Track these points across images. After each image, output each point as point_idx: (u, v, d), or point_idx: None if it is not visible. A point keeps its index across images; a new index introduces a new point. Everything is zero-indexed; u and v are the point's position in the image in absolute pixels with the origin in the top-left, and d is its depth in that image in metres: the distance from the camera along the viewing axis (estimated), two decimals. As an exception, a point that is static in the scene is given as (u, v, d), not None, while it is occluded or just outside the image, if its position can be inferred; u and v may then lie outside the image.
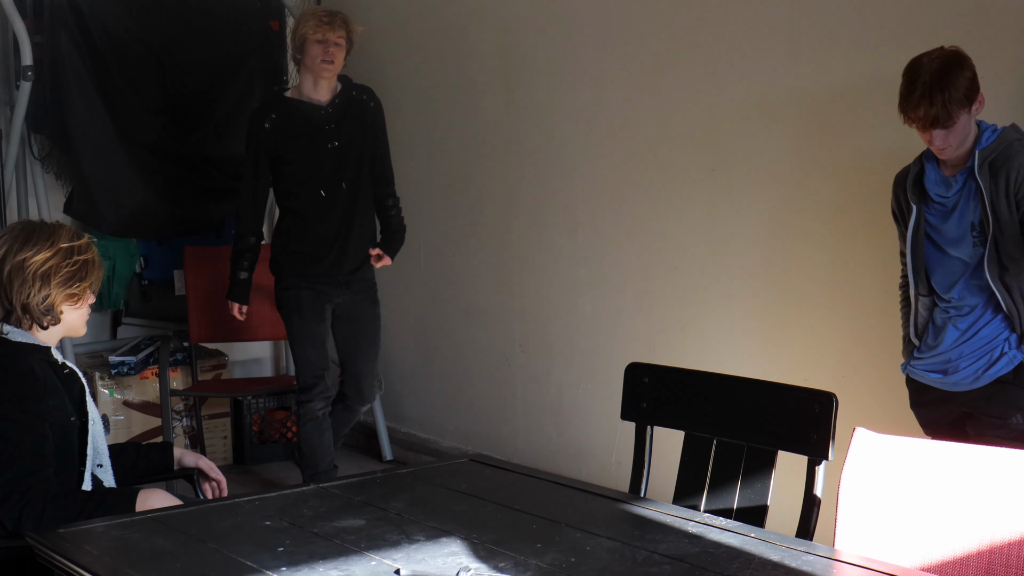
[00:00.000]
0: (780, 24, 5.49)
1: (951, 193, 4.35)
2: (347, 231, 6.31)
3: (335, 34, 6.16)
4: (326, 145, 6.22)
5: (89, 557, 3.02)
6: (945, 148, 4.27)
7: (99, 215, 7.01)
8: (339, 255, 6.31)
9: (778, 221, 5.59)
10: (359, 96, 6.37)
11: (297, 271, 6.32)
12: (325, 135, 6.22)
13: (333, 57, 6.17)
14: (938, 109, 4.19)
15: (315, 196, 6.24)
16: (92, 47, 6.84)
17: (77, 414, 3.85)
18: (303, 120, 6.21)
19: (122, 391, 7.34)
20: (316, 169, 6.23)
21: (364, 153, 6.35)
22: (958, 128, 4.22)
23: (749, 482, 3.56)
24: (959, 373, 4.40)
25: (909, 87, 4.27)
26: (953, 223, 4.36)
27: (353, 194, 6.31)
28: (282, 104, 6.29)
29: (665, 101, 6.03)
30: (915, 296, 4.51)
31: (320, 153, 6.22)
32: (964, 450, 3.17)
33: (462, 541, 3.10)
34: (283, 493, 3.66)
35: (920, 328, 4.51)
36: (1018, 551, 2.96)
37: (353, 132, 6.29)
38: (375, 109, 6.42)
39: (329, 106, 6.25)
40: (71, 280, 3.83)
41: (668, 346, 6.00)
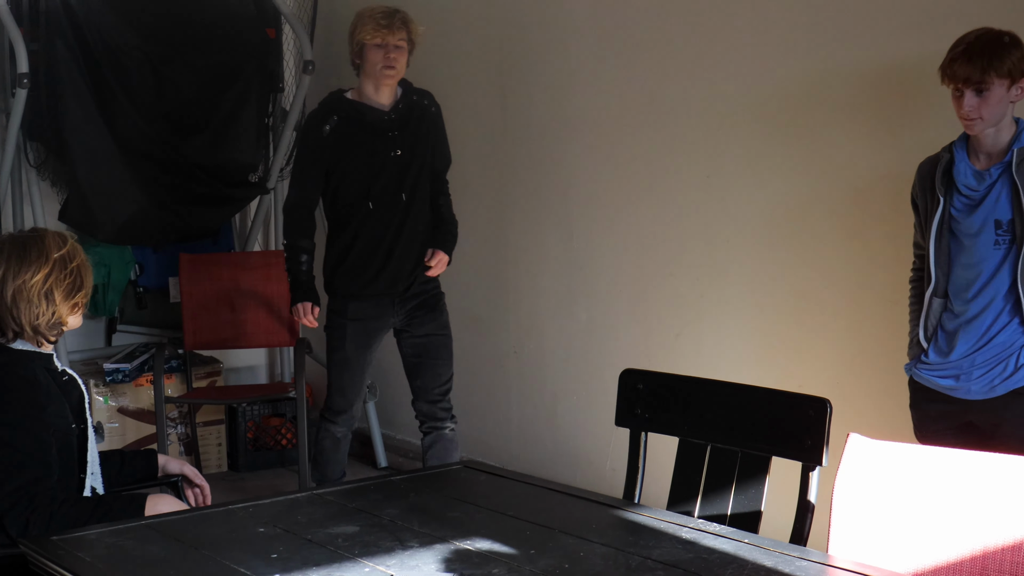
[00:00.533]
0: (776, 31, 5.50)
1: (982, 187, 4.24)
2: (406, 245, 5.87)
3: (395, 37, 5.73)
4: (388, 153, 5.79)
5: (83, 564, 3.02)
6: (974, 119, 4.18)
7: (94, 222, 7.02)
8: (397, 271, 5.85)
9: (773, 228, 5.59)
10: (420, 101, 5.93)
11: (350, 291, 5.89)
12: (388, 142, 5.79)
13: (394, 62, 5.75)
14: (975, 69, 4.12)
15: (371, 209, 5.81)
16: (88, 55, 6.84)
17: (77, 421, 3.86)
18: (366, 125, 5.80)
19: (117, 398, 7.34)
20: (376, 179, 5.80)
21: (425, 162, 5.90)
22: (991, 100, 4.15)
23: (743, 488, 3.56)
24: (973, 382, 4.31)
25: (955, 46, 4.21)
26: (976, 218, 4.26)
27: (411, 205, 5.86)
28: (344, 107, 5.85)
29: (661, 108, 6.03)
30: (930, 296, 4.40)
31: (382, 162, 5.79)
32: (958, 456, 3.17)
33: (456, 547, 3.10)
34: (277, 500, 3.66)
35: (930, 331, 4.42)
36: (1012, 556, 2.96)
37: (415, 140, 5.86)
38: (435, 114, 5.98)
39: (392, 111, 5.83)
40: (71, 291, 3.84)
41: (663, 353, 6.00)
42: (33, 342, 3.81)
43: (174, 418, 7.56)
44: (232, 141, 7.35)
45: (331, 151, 5.80)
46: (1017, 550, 2.95)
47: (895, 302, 5.06)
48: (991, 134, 4.23)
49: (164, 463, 4.19)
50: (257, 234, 8.12)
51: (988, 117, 4.18)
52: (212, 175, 7.32)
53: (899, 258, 5.02)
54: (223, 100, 7.34)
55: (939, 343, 4.40)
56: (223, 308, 7.35)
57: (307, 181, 5.89)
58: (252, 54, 7.48)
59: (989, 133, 4.23)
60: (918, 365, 4.46)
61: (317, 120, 5.85)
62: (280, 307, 7.30)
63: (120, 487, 4.10)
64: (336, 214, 5.93)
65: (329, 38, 7.91)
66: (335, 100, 5.89)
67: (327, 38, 7.89)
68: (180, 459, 4.35)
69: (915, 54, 4.98)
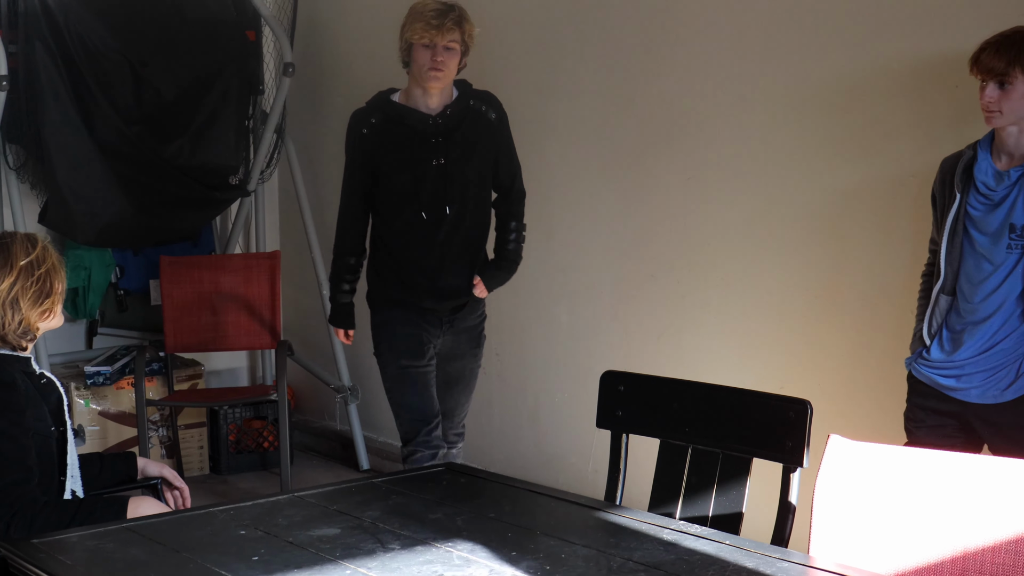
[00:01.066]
0: (758, 33, 5.51)
1: (1000, 188, 4.21)
2: (449, 264, 5.47)
3: (445, 38, 5.27)
4: (430, 161, 5.35)
5: (63, 567, 3.01)
6: (992, 111, 4.16)
7: (74, 225, 7.00)
8: (438, 291, 5.48)
9: (754, 230, 5.60)
10: (477, 106, 5.46)
11: (393, 300, 5.53)
12: (430, 149, 5.36)
13: (443, 65, 5.30)
14: (1000, 61, 4.11)
15: (413, 220, 5.42)
16: (67, 57, 6.82)
17: (56, 424, 3.84)
18: (407, 130, 5.38)
19: (98, 401, 7.32)
20: (416, 188, 5.38)
21: (476, 173, 5.45)
22: (1012, 95, 4.12)
23: (724, 489, 3.57)
24: (974, 386, 4.29)
25: (990, 39, 4.19)
26: (993, 220, 4.23)
27: (458, 221, 5.42)
28: (386, 108, 5.46)
29: (641, 110, 6.04)
30: (937, 292, 4.38)
31: (422, 170, 5.36)
32: (938, 457, 3.17)
33: (437, 549, 3.10)
34: (258, 502, 3.65)
35: (934, 328, 4.39)
36: (992, 557, 2.97)
37: (464, 148, 5.39)
38: (497, 122, 5.50)
39: (439, 116, 5.38)
40: (39, 297, 3.81)
41: (644, 355, 6.00)
42: (8, 347, 3.80)
43: (155, 421, 7.54)
44: (212, 143, 7.33)
45: (370, 155, 5.45)
46: (997, 551, 2.96)
47: (876, 304, 5.08)
48: (1013, 133, 4.19)
49: (144, 466, 4.19)
50: (238, 236, 8.11)
51: (1007, 112, 4.15)
52: (192, 177, 7.31)
53: (880, 260, 5.04)
54: (203, 102, 7.32)
55: (944, 342, 4.38)
56: (204, 311, 7.35)
57: (350, 187, 5.58)
58: (232, 56, 7.47)
59: (1012, 132, 4.19)
60: (918, 361, 4.43)
61: (357, 120, 5.52)
62: (261, 309, 7.30)
63: (100, 490, 4.09)
64: (379, 223, 5.59)
65: (309, 40, 7.92)
66: (379, 100, 5.52)
67: (307, 40, 7.89)
68: (159, 462, 4.34)
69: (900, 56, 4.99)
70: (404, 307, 5.50)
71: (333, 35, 7.94)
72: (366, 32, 7.67)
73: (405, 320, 5.51)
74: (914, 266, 4.79)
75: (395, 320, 5.53)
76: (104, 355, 7.59)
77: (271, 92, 7.71)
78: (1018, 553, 2.94)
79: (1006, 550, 2.95)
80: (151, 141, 7.14)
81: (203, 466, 7.74)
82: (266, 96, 7.73)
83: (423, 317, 5.50)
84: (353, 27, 7.77)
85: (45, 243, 3.89)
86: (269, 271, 7.35)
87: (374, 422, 7.83)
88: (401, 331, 5.52)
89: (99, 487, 4.10)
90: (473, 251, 5.54)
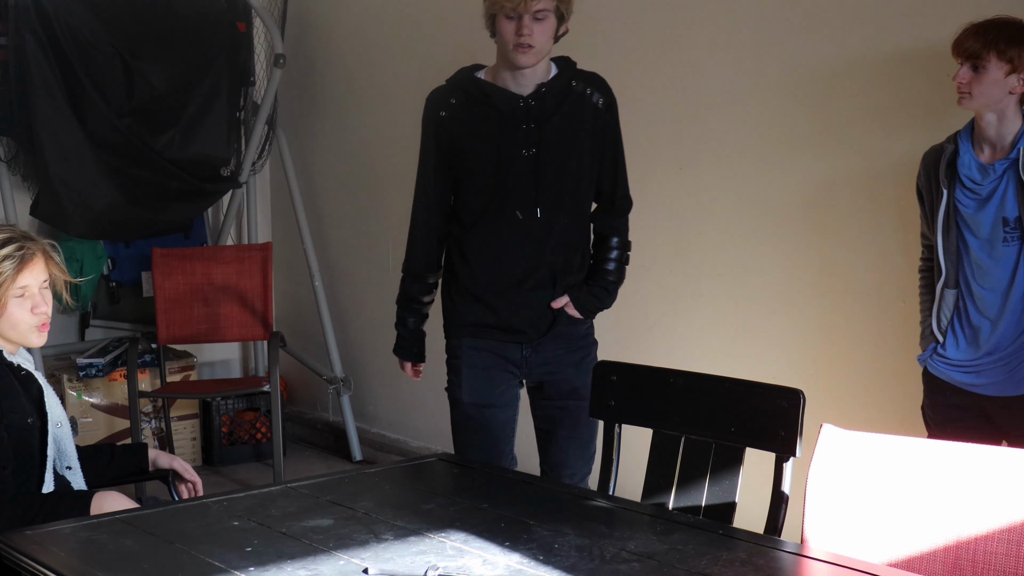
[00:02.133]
0: (750, 21, 5.50)
1: (987, 181, 4.19)
2: (543, 276, 4.57)
3: (532, 5, 4.33)
4: (520, 151, 4.46)
5: (56, 559, 3.01)
6: (964, 92, 4.15)
7: (66, 217, 6.99)
8: (529, 308, 4.58)
9: (746, 220, 5.60)
10: (580, 88, 4.57)
11: (467, 327, 4.64)
12: (520, 137, 4.46)
13: (531, 39, 4.37)
14: (977, 43, 4.10)
15: (498, 221, 4.53)
16: (57, 49, 6.81)
17: (36, 415, 3.83)
18: (492, 112, 4.49)
19: (90, 393, 7.32)
20: (501, 183, 4.49)
21: (575, 167, 4.53)
22: (984, 79, 4.11)
23: (717, 479, 3.57)
24: (996, 381, 4.27)
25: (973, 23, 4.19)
26: (985, 215, 4.21)
27: (551, 222, 4.51)
28: (468, 86, 4.55)
29: (631, 100, 6.02)
30: (942, 288, 4.34)
31: (510, 161, 4.47)
32: (931, 446, 3.18)
33: (430, 540, 3.10)
34: (251, 493, 3.65)
35: (944, 323, 4.36)
36: (984, 547, 2.97)
37: (561, 137, 4.49)
38: (604, 109, 4.60)
39: (532, 97, 4.47)
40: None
41: (636, 345, 6.00)
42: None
43: (148, 413, 7.54)
44: (203, 135, 7.32)
45: (451, 143, 4.56)
46: (990, 540, 2.97)
47: (867, 293, 5.09)
48: (992, 123, 4.18)
49: (155, 457, 4.16)
50: (230, 228, 8.11)
51: (978, 95, 4.13)
52: (184, 169, 7.30)
53: (871, 249, 5.04)
54: (194, 94, 7.31)
55: (957, 337, 4.35)
56: (196, 302, 7.34)
57: (425, 186, 4.70)
58: (223, 48, 7.46)
59: (991, 121, 4.18)
60: (934, 357, 4.40)
61: (436, 101, 4.62)
62: (253, 301, 7.29)
63: (110, 481, 4.08)
64: (456, 226, 4.68)
65: (300, 32, 7.91)
66: (461, 77, 4.62)
67: (298, 32, 7.89)
68: (170, 454, 4.30)
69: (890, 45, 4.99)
70: (476, 334, 4.64)
71: (324, 26, 7.93)
72: (357, 23, 7.66)
73: (474, 350, 4.63)
74: (905, 255, 4.80)
75: (463, 350, 4.65)
76: (96, 347, 7.59)
77: (262, 84, 7.71)
78: (1011, 542, 2.94)
79: (999, 539, 2.95)
80: (142, 133, 7.14)
81: (196, 458, 7.74)
82: (257, 87, 7.73)
83: (501, 345, 4.62)
84: (344, 18, 7.77)
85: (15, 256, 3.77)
86: (261, 262, 7.34)
87: (367, 413, 7.83)
88: (469, 367, 4.64)
89: (108, 479, 4.09)
90: (570, 259, 4.63)
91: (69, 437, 3.96)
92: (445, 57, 7.10)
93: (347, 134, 7.78)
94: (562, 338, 4.64)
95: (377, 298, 7.67)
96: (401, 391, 7.61)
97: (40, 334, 3.84)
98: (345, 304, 7.94)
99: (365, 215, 7.67)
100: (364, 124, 7.68)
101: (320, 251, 7.90)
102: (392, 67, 7.44)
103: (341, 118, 7.83)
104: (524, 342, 4.61)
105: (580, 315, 4.62)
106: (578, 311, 4.61)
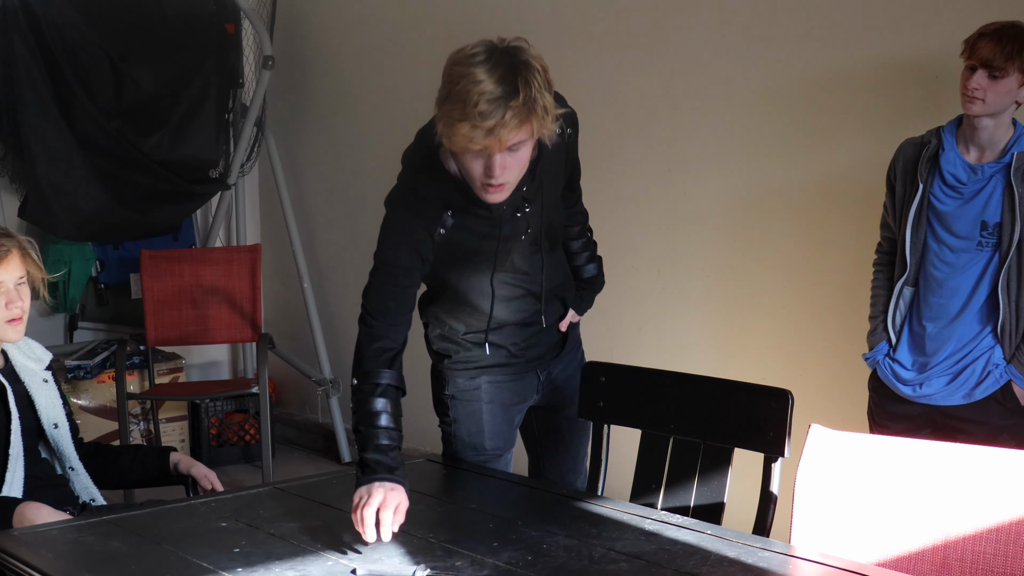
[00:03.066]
0: (736, 21, 5.51)
1: (972, 182, 4.17)
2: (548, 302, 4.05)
3: (506, 142, 3.32)
4: (520, 236, 3.79)
5: (43, 560, 3.01)
6: (975, 99, 4.09)
7: (54, 219, 6.98)
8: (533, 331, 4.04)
9: (735, 221, 5.60)
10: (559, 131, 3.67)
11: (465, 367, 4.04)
12: (517, 224, 3.75)
13: (505, 175, 3.43)
14: (999, 52, 4.05)
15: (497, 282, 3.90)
16: (46, 51, 6.80)
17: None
18: (483, 221, 3.68)
19: (79, 395, 7.31)
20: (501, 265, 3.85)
21: (555, 201, 3.93)
22: (1000, 88, 4.08)
23: (706, 480, 3.57)
24: (944, 389, 4.26)
25: (988, 25, 4.13)
26: (964, 215, 4.19)
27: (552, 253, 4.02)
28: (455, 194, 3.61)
29: (620, 100, 6.03)
30: (901, 285, 4.34)
31: (511, 247, 3.82)
32: (919, 446, 3.18)
33: (419, 540, 3.10)
34: (239, 494, 3.66)
35: (899, 323, 4.37)
36: (973, 546, 2.97)
37: (550, 200, 3.86)
38: (570, 138, 3.87)
39: (523, 183, 3.61)
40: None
41: (626, 346, 6.00)
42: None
43: (136, 415, 7.53)
44: (192, 137, 7.32)
45: (443, 255, 3.74)
46: (979, 540, 2.97)
47: (856, 294, 5.08)
48: (989, 127, 4.15)
49: (177, 461, 4.10)
50: (218, 230, 8.10)
51: (991, 102, 4.10)
52: (172, 171, 7.30)
53: (860, 249, 5.04)
54: (183, 96, 7.31)
55: (909, 341, 4.36)
56: (185, 304, 7.33)
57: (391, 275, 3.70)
58: (211, 50, 7.45)
59: (987, 125, 4.15)
60: (883, 359, 4.41)
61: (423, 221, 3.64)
62: (242, 303, 7.28)
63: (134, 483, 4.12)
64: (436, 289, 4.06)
65: (289, 34, 7.90)
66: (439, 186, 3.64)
67: (287, 33, 7.88)
68: (191, 458, 4.21)
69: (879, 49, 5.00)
70: (490, 371, 4.04)
71: (313, 28, 7.92)
72: (346, 25, 7.66)
73: (494, 386, 4.06)
74: (894, 256, 4.81)
75: (483, 389, 4.05)
76: (85, 349, 7.58)
77: (251, 85, 7.70)
78: (999, 542, 2.94)
79: (987, 539, 2.96)
80: (131, 135, 7.13)
81: (184, 460, 7.73)
82: (246, 89, 7.72)
83: (520, 377, 4.08)
84: (333, 20, 7.76)
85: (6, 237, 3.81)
86: (250, 264, 7.33)
87: (356, 415, 7.82)
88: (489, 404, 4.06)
89: (131, 480, 4.11)
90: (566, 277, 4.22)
91: (67, 438, 3.95)
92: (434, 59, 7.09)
93: (336, 136, 7.78)
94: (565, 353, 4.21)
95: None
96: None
97: (15, 328, 3.84)
98: (334, 306, 7.93)
99: (354, 217, 7.66)
100: (353, 126, 7.67)
101: (309, 253, 7.90)
102: (381, 69, 7.43)
103: (330, 120, 7.82)
104: (534, 369, 4.09)
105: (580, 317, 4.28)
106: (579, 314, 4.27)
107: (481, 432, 4.04)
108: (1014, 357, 4.16)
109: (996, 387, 4.20)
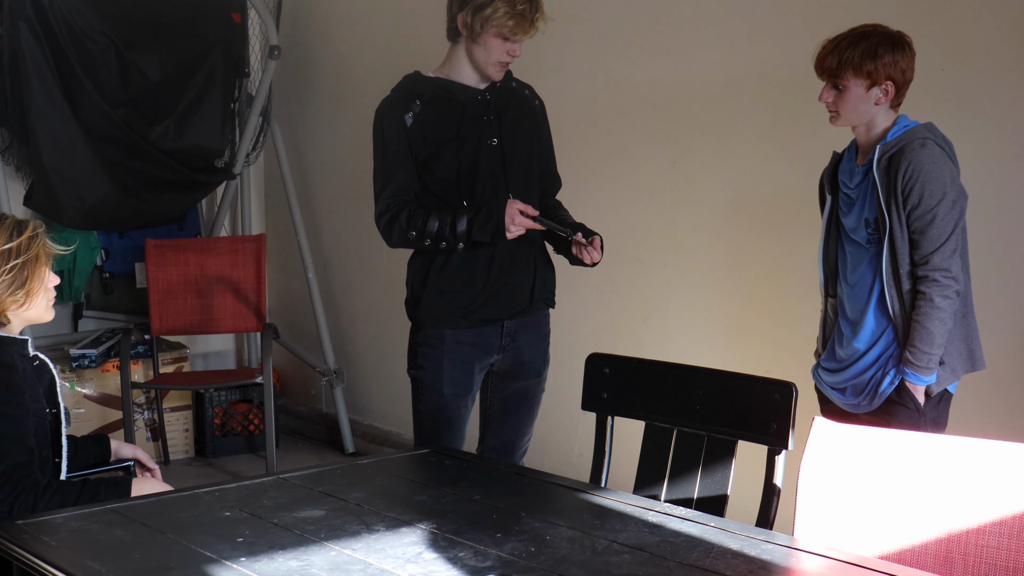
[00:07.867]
0: (742, 13, 5.50)
1: (853, 185, 4.21)
2: (513, 256, 4.69)
3: (529, 33, 4.57)
4: (485, 141, 4.62)
5: (48, 548, 3.00)
6: (832, 111, 4.17)
7: (59, 208, 6.99)
8: (503, 290, 4.68)
9: (740, 214, 5.60)
10: (520, 90, 4.80)
11: (442, 319, 4.68)
12: (482, 128, 4.62)
13: (513, 60, 4.65)
14: (832, 59, 4.10)
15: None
16: (52, 39, 6.81)
17: (49, 405, 3.83)
18: (456, 106, 4.62)
19: (83, 384, 7.31)
20: (471, 172, 4.62)
21: (531, 159, 4.76)
22: (847, 97, 4.11)
23: (709, 472, 3.57)
24: (858, 394, 4.26)
25: (845, 32, 4.18)
26: (853, 217, 4.21)
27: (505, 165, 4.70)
28: (427, 87, 4.65)
29: (627, 94, 6.03)
30: (824, 297, 4.40)
31: (476, 151, 4.62)
32: (922, 439, 3.18)
33: (422, 531, 3.10)
34: (243, 484, 3.65)
35: (827, 333, 4.39)
36: (976, 539, 2.97)
37: (517, 129, 4.70)
38: (540, 108, 4.87)
39: (488, 91, 4.66)
40: (12, 287, 3.71)
41: (630, 338, 6.00)
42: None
43: (141, 404, 7.54)
44: (198, 126, 7.33)
45: (420, 144, 4.61)
46: (982, 533, 2.97)
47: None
48: (862, 131, 4.19)
49: (117, 448, 4.17)
50: (224, 219, 8.11)
51: (843, 113, 4.15)
52: (178, 160, 7.30)
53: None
54: (189, 85, 7.32)
55: (832, 348, 4.37)
56: (190, 293, 7.34)
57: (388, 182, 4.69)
58: (217, 39, 7.45)
59: (860, 130, 4.19)
60: (819, 370, 4.43)
61: (394, 109, 4.67)
62: (246, 292, 7.29)
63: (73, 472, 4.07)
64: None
65: (295, 23, 7.90)
66: (413, 82, 4.71)
67: (293, 23, 7.88)
68: (132, 444, 4.31)
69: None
70: (456, 325, 4.68)
71: (319, 18, 7.92)
72: (352, 15, 7.65)
73: (456, 341, 4.68)
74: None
75: (446, 342, 4.68)
76: (89, 338, 7.58)
77: (257, 75, 7.70)
78: (1002, 535, 2.94)
79: (991, 532, 2.96)
80: (136, 123, 7.14)
81: (188, 449, 7.74)
82: (252, 79, 7.72)
83: (480, 331, 4.69)
84: (339, 10, 7.76)
85: (38, 232, 3.78)
86: (255, 254, 7.34)
87: (359, 405, 7.83)
88: (450, 357, 4.69)
89: (72, 469, 4.09)
90: (540, 242, 4.84)
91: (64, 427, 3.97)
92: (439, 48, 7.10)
93: (342, 126, 7.78)
94: (532, 321, 4.85)
95: (370, 291, 7.67)
96: (394, 383, 7.61)
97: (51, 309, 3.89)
98: (338, 296, 7.94)
99: (359, 207, 7.65)
100: (359, 116, 7.65)
101: (314, 243, 7.90)
102: (386, 58, 7.43)
103: (336, 110, 7.82)
104: (500, 329, 4.73)
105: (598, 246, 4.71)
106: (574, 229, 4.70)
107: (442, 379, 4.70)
108: (902, 356, 4.13)
109: (891, 388, 4.17)
